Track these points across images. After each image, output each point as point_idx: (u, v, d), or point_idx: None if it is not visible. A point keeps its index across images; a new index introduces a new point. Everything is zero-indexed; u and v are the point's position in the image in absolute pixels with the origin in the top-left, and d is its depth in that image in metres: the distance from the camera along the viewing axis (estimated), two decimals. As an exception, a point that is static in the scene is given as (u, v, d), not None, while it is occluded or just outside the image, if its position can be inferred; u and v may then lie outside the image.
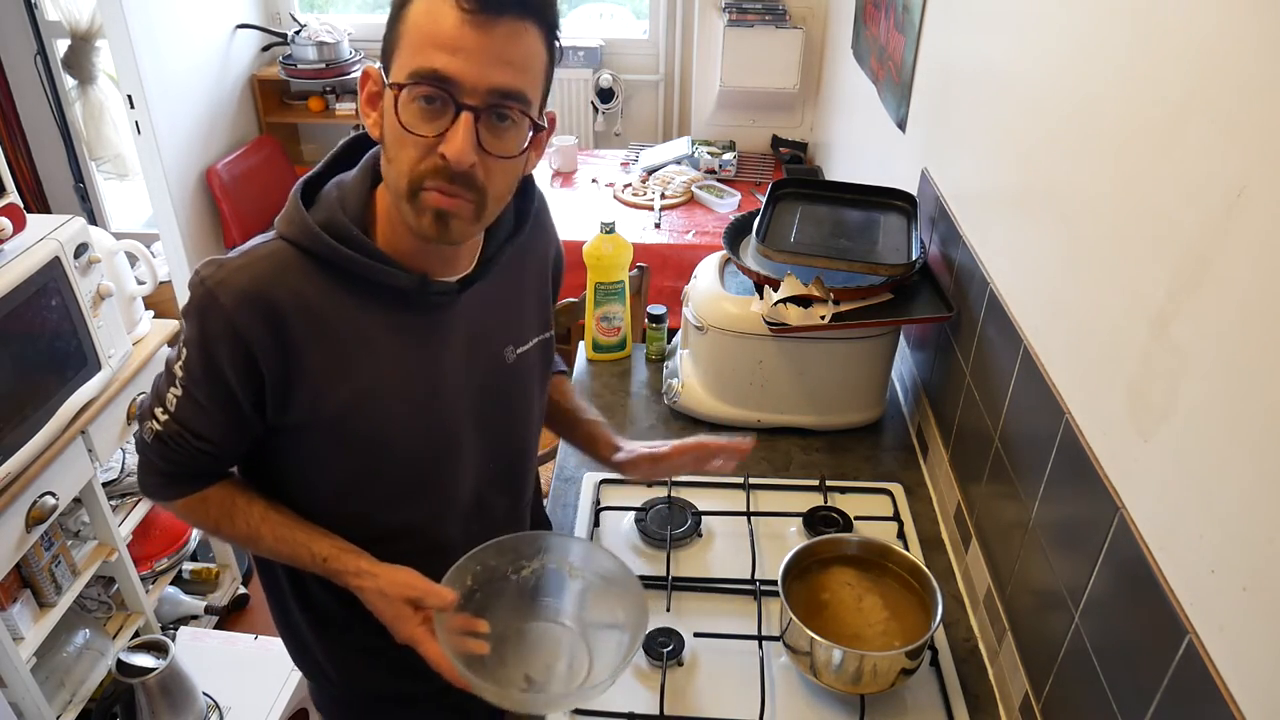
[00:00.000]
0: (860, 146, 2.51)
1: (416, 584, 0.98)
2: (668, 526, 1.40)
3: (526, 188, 1.05)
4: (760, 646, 1.21)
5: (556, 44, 0.88)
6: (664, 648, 1.19)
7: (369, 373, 0.95)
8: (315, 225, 0.91)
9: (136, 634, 2.15)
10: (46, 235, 1.80)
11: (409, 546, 1.05)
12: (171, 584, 2.37)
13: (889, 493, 1.49)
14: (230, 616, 2.50)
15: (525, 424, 1.15)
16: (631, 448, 1.23)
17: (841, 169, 2.78)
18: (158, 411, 0.95)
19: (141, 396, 2.09)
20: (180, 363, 0.92)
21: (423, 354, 0.98)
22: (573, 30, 3.75)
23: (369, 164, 0.96)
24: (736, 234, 1.65)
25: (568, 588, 1.09)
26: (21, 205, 1.81)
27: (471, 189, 0.86)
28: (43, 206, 3.49)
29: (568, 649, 1.06)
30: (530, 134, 0.88)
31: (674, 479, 1.49)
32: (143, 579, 2.18)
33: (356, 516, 1.03)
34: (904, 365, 1.78)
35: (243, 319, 0.88)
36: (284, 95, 3.72)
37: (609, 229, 1.77)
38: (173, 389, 0.94)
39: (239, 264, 0.90)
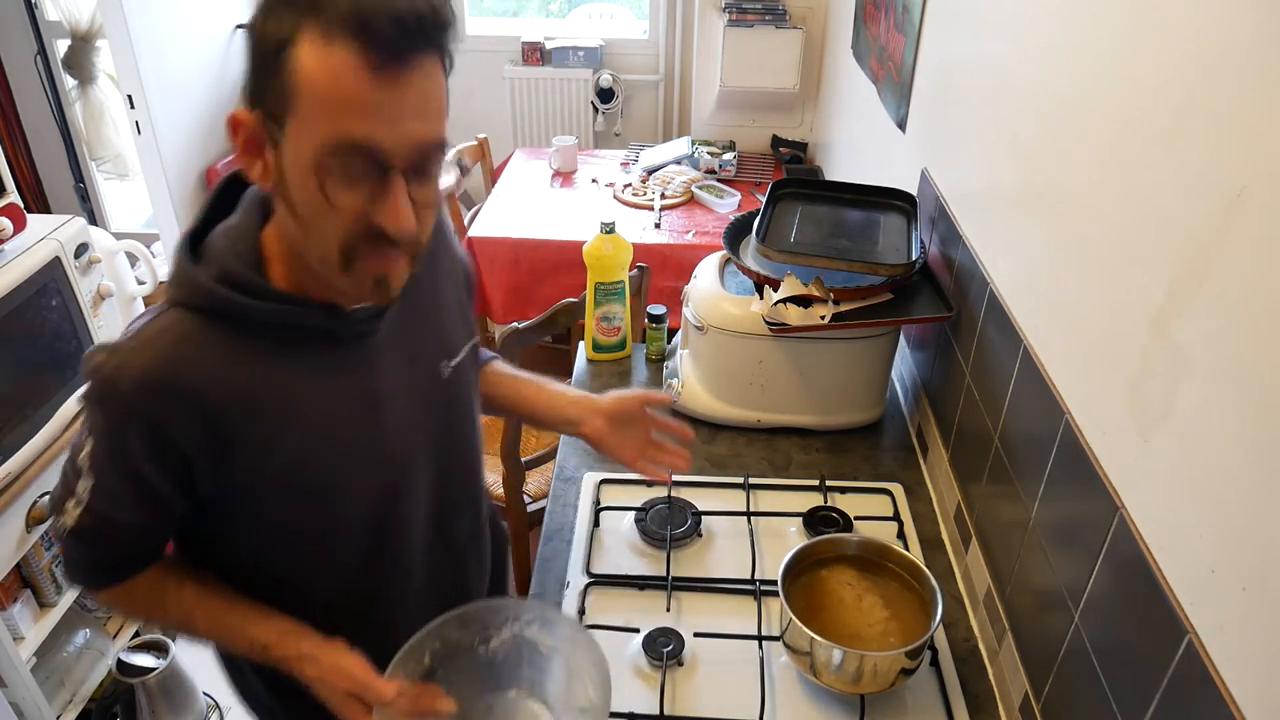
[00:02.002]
0: (860, 146, 2.51)
1: (356, 675, 0.91)
2: (668, 526, 1.40)
3: None
4: (760, 646, 1.21)
5: (449, 62, 0.80)
6: (664, 648, 1.19)
7: (307, 421, 0.89)
8: (209, 280, 0.83)
9: (136, 634, 2.15)
10: (47, 235, 1.80)
11: (372, 590, 1.01)
12: (171, 584, 2.37)
13: (889, 493, 1.49)
14: (230, 616, 2.49)
15: (472, 436, 1.11)
16: (589, 418, 1.19)
17: (841, 169, 2.78)
18: (70, 505, 0.88)
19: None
20: (86, 452, 0.85)
21: (357, 387, 0.93)
22: (573, 30, 3.75)
23: (252, 203, 0.89)
24: (736, 234, 1.65)
25: (539, 659, 1.02)
26: (22, 205, 1.81)
27: (407, 242, 0.82)
28: (43, 206, 3.50)
29: None
30: (453, 169, 0.83)
31: (675, 479, 1.49)
32: (143, 579, 2.18)
33: (312, 571, 0.98)
34: (904, 365, 1.78)
35: (151, 406, 0.82)
36: (284, 95, 3.72)
37: (609, 229, 1.77)
38: (82, 480, 0.86)
39: (133, 346, 0.82)
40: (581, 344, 1.90)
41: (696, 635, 1.22)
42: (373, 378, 0.94)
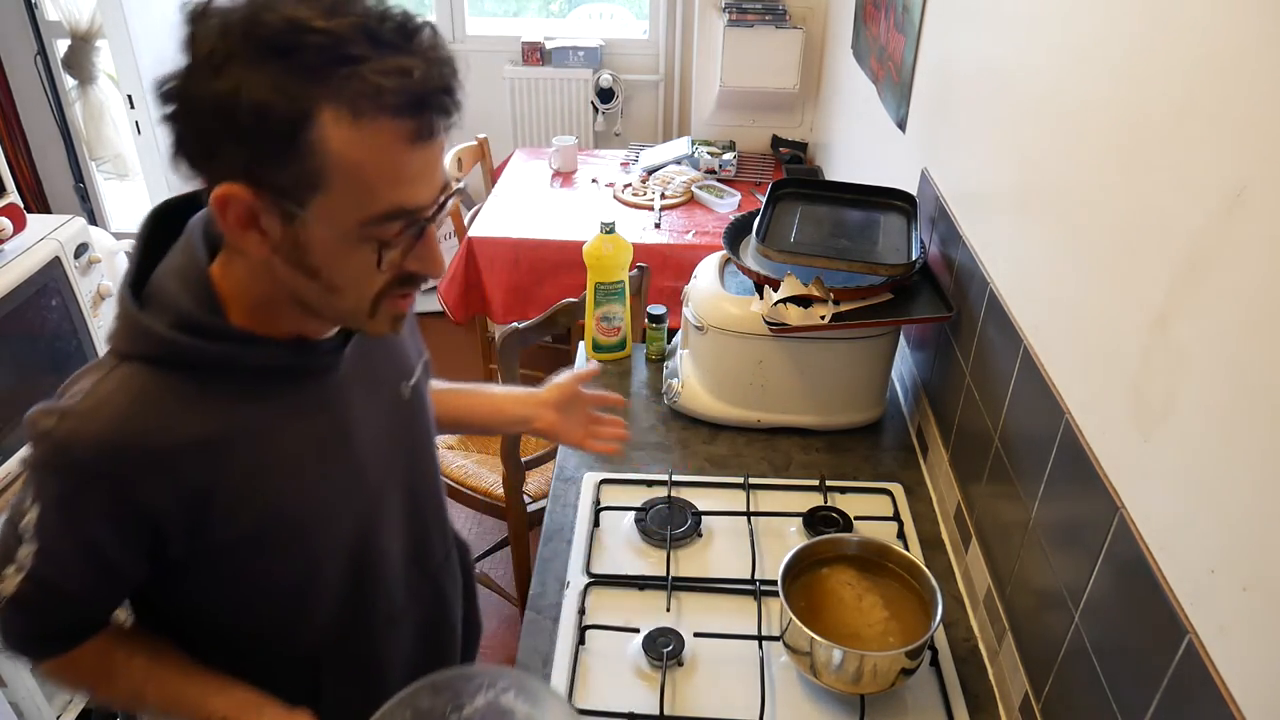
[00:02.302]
0: (860, 146, 2.51)
1: None
2: (668, 526, 1.40)
3: None
4: (760, 646, 1.21)
5: None
6: (664, 648, 1.19)
7: (282, 463, 0.85)
8: (166, 329, 0.78)
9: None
10: (46, 235, 1.80)
11: (355, 627, 0.99)
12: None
13: (889, 493, 1.49)
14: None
15: (434, 454, 1.09)
16: (539, 413, 1.24)
17: (841, 169, 2.78)
18: (9, 571, 0.80)
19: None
20: (31, 519, 0.78)
21: (327, 421, 0.89)
22: (573, 30, 3.75)
23: (196, 240, 0.83)
24: (736, 234, 1.65)
25: None
26: (21, 205, 1.81)
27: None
28: (43, 206, 3.50)
29: None
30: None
31: (674, 479, 1.49)
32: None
33: (292, 616, 0.94)
34: (904, 365, 1.78)
35: (111, 472, 0.76)
36: (284, 95, 3.72)
37: (609, 229, 1.77)
38: (25, 546, 0.79)
39: (85, 408, 0.76)
40: (581, 344, 1.90)
41: (696, 635, 1.22)
42: (342, 409, 0.91)
